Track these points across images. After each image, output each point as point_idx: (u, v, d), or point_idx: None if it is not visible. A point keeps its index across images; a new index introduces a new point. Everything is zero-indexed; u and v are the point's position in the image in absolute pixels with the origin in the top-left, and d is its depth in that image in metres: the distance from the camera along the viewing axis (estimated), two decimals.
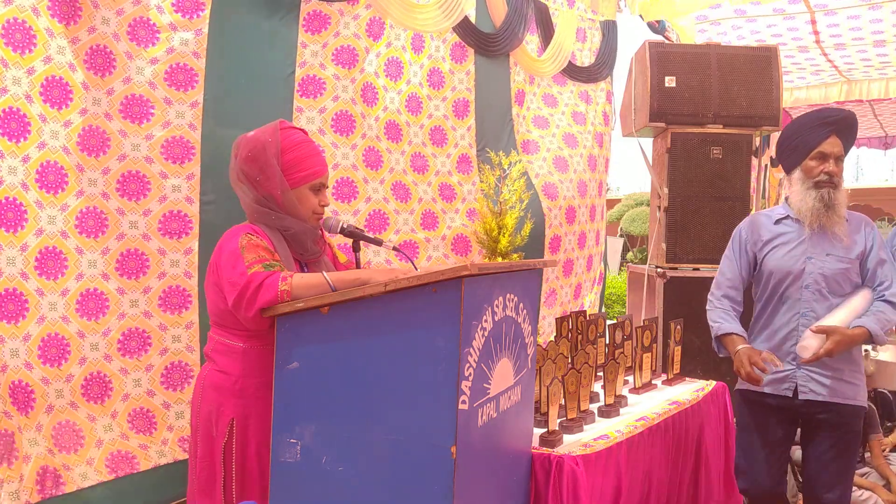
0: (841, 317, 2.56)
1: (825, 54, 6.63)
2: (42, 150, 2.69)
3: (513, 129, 4.73)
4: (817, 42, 6.23)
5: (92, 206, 2.85)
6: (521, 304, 2.01)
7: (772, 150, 8.49)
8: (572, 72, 4.92)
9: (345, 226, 2.18)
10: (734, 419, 3.05)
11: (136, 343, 2.97)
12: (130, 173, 2.95)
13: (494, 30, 4.33)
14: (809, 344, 2.55)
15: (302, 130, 2.15)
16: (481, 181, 3.98)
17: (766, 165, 7.18)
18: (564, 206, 4.93)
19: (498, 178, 3.92)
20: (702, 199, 4.20)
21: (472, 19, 4.24)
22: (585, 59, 5.05)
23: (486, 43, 4.22)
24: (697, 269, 4.23)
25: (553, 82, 4.96)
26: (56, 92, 2.72)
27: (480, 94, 4.41)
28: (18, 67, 2.61)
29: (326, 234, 2.26)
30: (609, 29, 5.22)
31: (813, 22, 5.77)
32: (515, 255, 3.96)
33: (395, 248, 2.19)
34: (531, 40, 4.67)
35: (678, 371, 3.18)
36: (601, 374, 2.83)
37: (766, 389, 2.66)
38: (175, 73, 3.02)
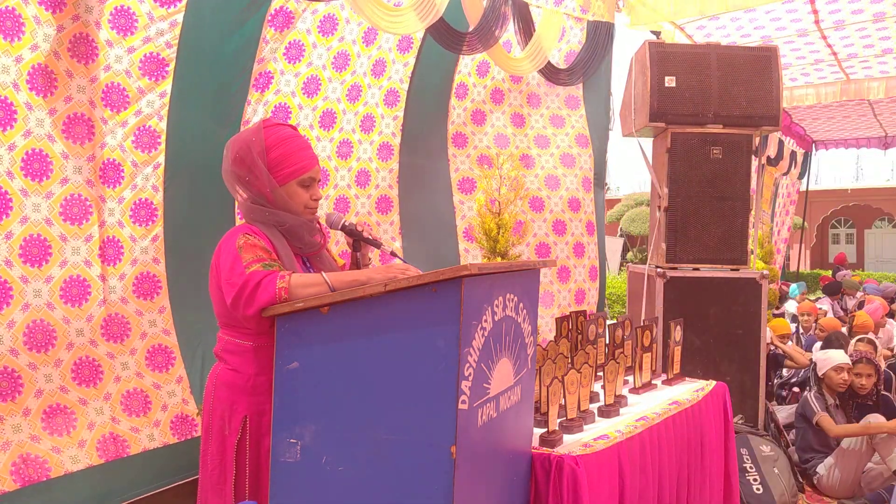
0: None
1: (825, 37, 6.61)
2: (28, 138, 2.72)
3: (446, 120, 4.80)
4: (816, 22, 6.21)
5: (77, 193, 2.88)
6: (521, 304, 2.01)
7: (769, 150, 8.51)
8: (550, 73, 4.92)
9: (346, 223, 2.18)
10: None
11: (118, 328, 3.03)
12: (110, 161, 2.99)
13: (468, 28, 4.34)
14: None
15: (291, 126, 2.14)
16: (481, 181, 4.00)
17: (762, 165, 7.18)
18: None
19: (497, 178, 3.92)
20: (702, 199, 4.20)
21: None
22: (560, 60, 5.07)
23: (458, 42, 4.22)
24: (697, 269, 4.23)
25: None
26: (41, 80, 2.73)
27: (418, 85, 4.49)
28: (8, 56, 2.63)
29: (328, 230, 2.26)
30: (596, 30, 5.18)
31: (811, 1, 5.77)
32: (514, 255, 3.96)
33: (392, 253, 2.18)
34: (507, 38, 4.68)
35: (678, 371, 3.18)
36: (601, 374, 2.83)
37: None
38: (148, 62, 3.04)
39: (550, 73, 4.90)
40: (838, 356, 4.34)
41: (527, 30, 4.64)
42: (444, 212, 4.96)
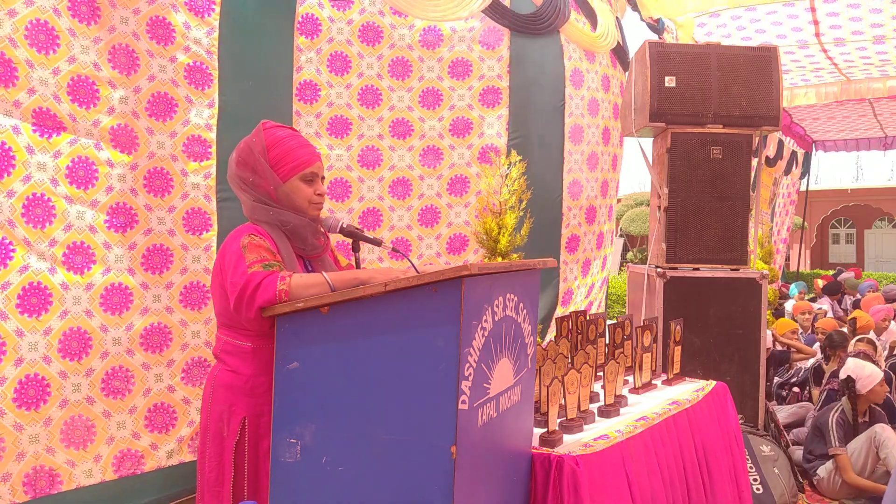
0: None
1: (825, 50, 6.62)
2: (73, 146, 2.71)
3: (563, 112, 4.51)
4: (817, 35, 6.21)
5: (122, 201, 2.86)
6: (521, 304, 2.01)
7: (768, 150, 8.51)
8: (618, 53, 4.88)
9: (344, 225, 2.18)
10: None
11: (158, 338, 2.98)
12: (157, 170, 2.97)
13: (534, 8, 4.22)
14: None
15: (290, 127, 2.18)
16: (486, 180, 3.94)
17: (760, 164, 7.18)
18: (586, 206, 4.87)
19: (498, 176, 3.90)
20: (702, 199, 4.20)
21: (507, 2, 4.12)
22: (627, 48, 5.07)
23: (524, 24, 4.11)
24: (697, 269, 4.23)
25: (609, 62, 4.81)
26: (83, 91, 2.73)
27: (517, 79, 4.21)
28: (44, 68, 2.62)
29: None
30: (619, 23, 5.24)
31: (813, 10, 5.75)
32: (515, 255, 3.95)
33: (394, 249, 2.18)
34: (579, 18, 4.60)
35: (678, 371, 3.18)
36: (601, 374, 2.83)
37: None
38: (193, 71, 3.03)
39: (621, 55, 4.89)
40: (877, 371, 4.20)
41: (591, 14, 4.63)
42: (552, 220, 4.53)
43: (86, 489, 2.80)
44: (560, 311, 4.85)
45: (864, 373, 4.18)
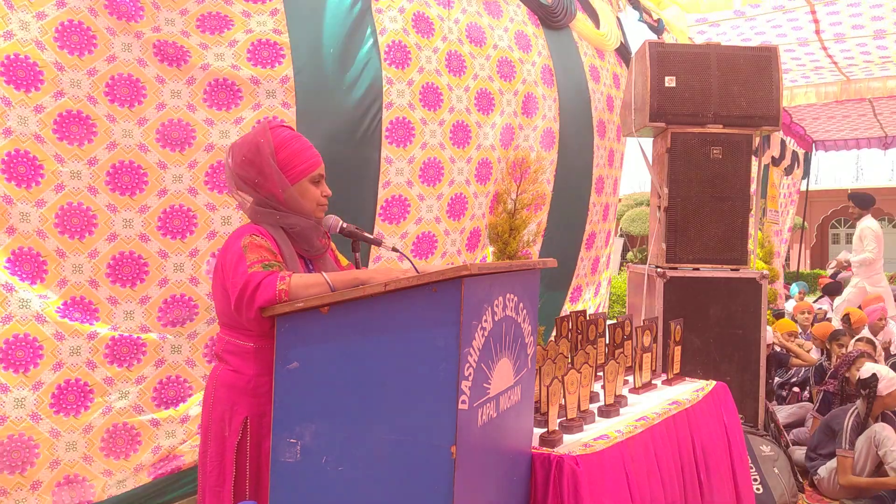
0: None
1: (825, 48, 6.62)
2: (112, 150, 2.55)
3: (590, 105, 4.40)
4: (817, 32, 6.21)
5: (178, 204, 2.70)
6: (521, 304, 2.01)
7: (773, 150, 8.51)
8: (622, 52, 4.89)
9: (343, 225, 2.18)
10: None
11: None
12: (220, 164, 2.78)
13: (548, 3, 4.15)
14: None
15: (288, 127, 2.15)
16: (501, 180, 3.83)
17: (767, 165, 7.17)
18: (604, 203, 4.80)
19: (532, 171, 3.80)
20: (702, 199, 4.20)
21: None
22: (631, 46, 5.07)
23: (548, 15, 4.08)
24: (697, 269, 4.23)
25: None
26: (124, 90, 2.58)
27: (556, 64, 4.10)
28: (77, 70, 2.50)
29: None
30: (620, 22, 5.24)
31: (813, 12, 5.76)
32: (523, 257, 3.93)
33: (393, 249, 2.18)
34: (584, 18, 4.55)
35: (678, 371, 3.18)
36: (601, 374, 2.83)
37: None
38: (258, 49, 2.83)
39: (625, 54, 4.90)
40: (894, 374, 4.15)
41: (593, 14, 4.63)
42: (579, 216, 4.41)
43: (116, 497, 2.66)
44: (569, 308, 4.79)
45: (890, 375, 4.13)
